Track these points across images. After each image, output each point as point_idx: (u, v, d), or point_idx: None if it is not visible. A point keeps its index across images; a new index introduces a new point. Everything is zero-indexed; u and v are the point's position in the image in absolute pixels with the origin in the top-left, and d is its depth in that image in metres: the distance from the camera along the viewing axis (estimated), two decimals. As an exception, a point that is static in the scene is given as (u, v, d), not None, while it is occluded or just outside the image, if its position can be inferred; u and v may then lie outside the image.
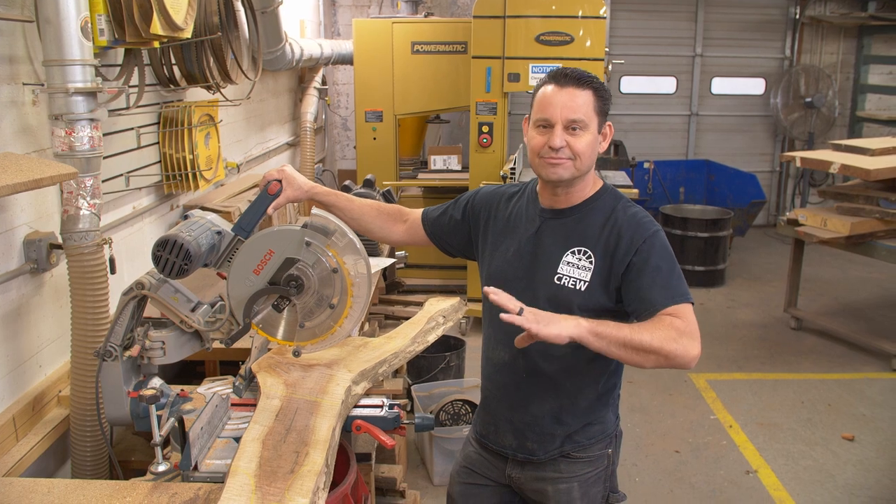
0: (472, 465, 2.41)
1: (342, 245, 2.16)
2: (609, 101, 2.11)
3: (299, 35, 6.95)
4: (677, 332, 1.89)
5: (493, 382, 2.29)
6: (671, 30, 9.75)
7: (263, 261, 2.15)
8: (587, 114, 2.05)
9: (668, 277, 2.02)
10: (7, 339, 2.65)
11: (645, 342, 1.86)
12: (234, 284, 2.19)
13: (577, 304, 2.08)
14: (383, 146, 6.82)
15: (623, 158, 7.85)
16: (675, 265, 2.07)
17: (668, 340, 1.87)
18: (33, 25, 2.65)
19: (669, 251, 2.08)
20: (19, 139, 2.68)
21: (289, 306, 2.19)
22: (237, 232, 2.22)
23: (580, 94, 2.05)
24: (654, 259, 2.04)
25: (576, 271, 2.10)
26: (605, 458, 2.26)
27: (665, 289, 2.00)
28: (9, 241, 2.65)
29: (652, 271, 2.02)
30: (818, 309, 6.96)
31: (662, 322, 1.93)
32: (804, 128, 9.74)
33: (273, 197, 2.25)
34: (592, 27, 5.58)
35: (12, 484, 1.98)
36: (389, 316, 5.51)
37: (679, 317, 1.95)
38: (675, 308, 1.97)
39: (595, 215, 2.14)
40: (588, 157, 2.08)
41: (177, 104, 3.83)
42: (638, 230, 2.08)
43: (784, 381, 5.53)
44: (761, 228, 9.98)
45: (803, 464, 4.40)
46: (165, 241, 2.08)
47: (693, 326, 1.94)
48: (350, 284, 2.16)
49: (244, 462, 1.87)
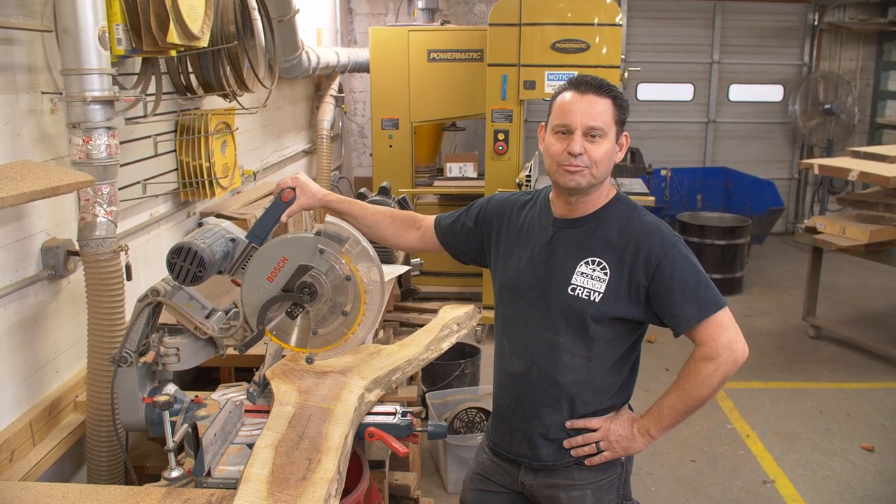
0: (485, 472, 2.40)
1: (355, 253, 2.16)
2: (627, 110, 2.11)
3: (316, 43, 7.00)
4: (714, 364, 2.04)
5: (507, 392, 2.28)
6: (688, 37, 9.73)
7: (277, 268, 2.16)
8: (606, 122, 2.05)
9: (695, 289, 2.05)
10: (24, 344, 2.68)
11: (700, 396, 2.09)
12: (248, 291, 2.19)
13: (591, 314, 2.08)
14: (399, 154, 6.84)
15: (640, 166, 7.84)
16: (700, 274, 2.08)
17: (714, 373, 2.04)
18: (52, 35, 2.68)
19: (692, 260, 2.10)
20: (38, 147, 2.71)
21: (302, 313, 2.20)
22: (251, 239, 2.23)
23: (600, 101, 2.05)
24: (679, 273, 2.05)
25: (590, 282, 2.09)
26: (618, 466, 2.25)
27: (695, 302, 2.04)
28: (27, 248, 2.68)
29: (679, 286, 2.04)
30: (837, 317, 6.90)
31: (689, 370, 2.09)
32: (823, 135, 9.67)
33: (287, 205, 2.26)
34: (608, 34, 5.57)
35: (28, 488, 2.00)
36: (404, 323, 5.51)
37: (716, 325, 2.03)
38: (709, 321, 2.03)
39: (609, 225, 2.13)
40: (605, 165, 2.08)
41: (193, 112, 3.86)
42: (656, 242, 2.08)
43: (802, 390, 5.48)
44: (779, 236, 9.90)
45: (821, 474, 4.35)
46: (180, 249, 2.08)
47: (730, 332, 2.04)
48: (363, 292, 2.16)
49: (257, 468, 1.88)
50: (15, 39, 2.60)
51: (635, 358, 2.26)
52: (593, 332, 2.10)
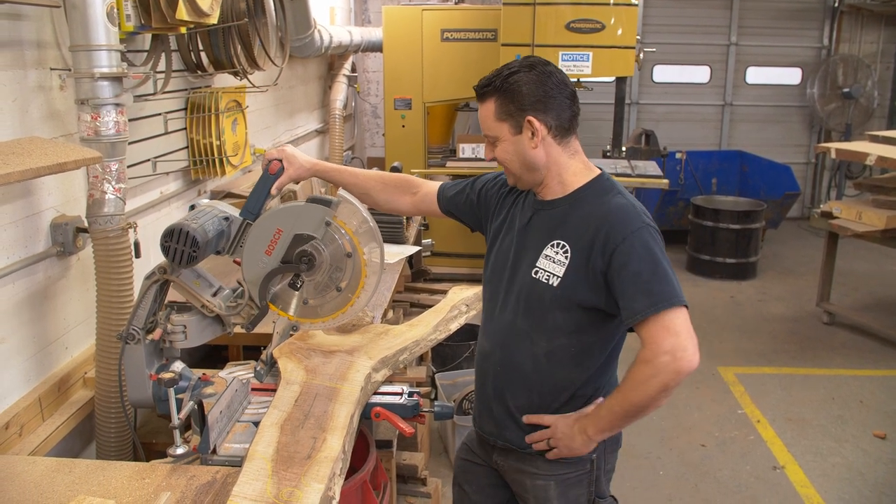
0: (471, 444, 2.43)
1: (362, 231, 2.17)
2: (516, 95, 1.98)
3: (329, 22, 6.96)
4: (652, 368, 1.85)
5: (479, 370, 2.28)
6: (705, 18, 9.60)
7: (273, 241, 2.19)
8: (492, 126, 2.03)
9: (649, 282, 1.88)
10: (34, 320, 2.69)
11: (636, 401, 1.90)
12: (248, 267, 2.22)
13: (549, 298, 2.02)
14: (412, 134, 6.81)
15: (654, 148, 7.77)
16: (657, 265, 1.90)
17: (650, 379, 1.86)
18: (61, 11, 2.66)
19: (652, 249, 1.91)
20: (47, 124, 2.71)
21: (304, 284, 2.24)
22: (245, 216, 2.25)
23: (484, 106, 2.04)
24: (634, 262, 1.89)
25: (551, 265, 2.02)
26: (587, 463, 2.15)
27: (646, 296, 1.87)
28: (36, 225, 2.68)
29: (632, 276, 1.89)
30: (852, 304, 6.83)
31: (629, 371, 1.92)
32: (841, 119, 9.55)
33: (275, 177, 2.28)
34: (624, 15, 5.51)
35: (36, 463, 2.01)
36: (415, 304, 5.50)
37: (663, 327, 1.85)
38: (656, 319, 1.86)
39: (580, 207, 2.03)
40: (516, 162, 2.03)
41: (204, 90, 3.85)
42: (617, 226, 1.93)
43: (815, 376, 5.44)
44: (795, 221, 9.81)
45: (832, 461, 4.32)
46: (171, 231, 2.11)
47: (678, 338, 1.84)
48: (363, 275, 2.19)
49: (262, 447, 1.88)
50: (23, 15, 2.58)
51: (609, 353, 2.12)
52: (553, 319, 2.03)
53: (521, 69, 2.00)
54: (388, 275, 3.65)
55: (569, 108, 2.02)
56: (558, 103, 1.99)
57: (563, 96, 2.00)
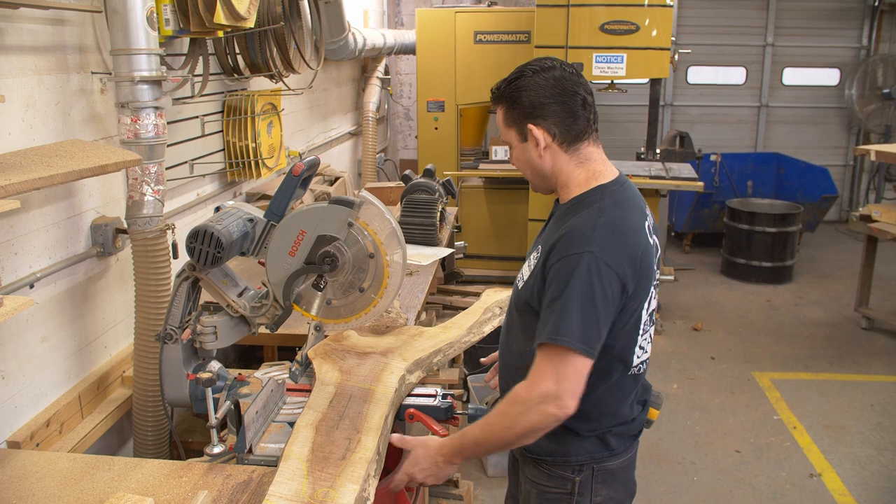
0: None
1: (385, 232, 2.20)
2: (519, 103, 1.93)
3: (363, 25, 6.99)
4: (523, 406, 1.80)
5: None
6: (741, 18, 9.49)
7: (297, 241, 2.22)
8: (504, 132, 2.02)
9: (559, 310, 1.77)
10: (74, 319, 2.74)
11: (500, 437, 1.86)
12: (273, 268, 2.25)
13: (514, 300, 2.04)
14: (445, 136, 6.82)
15: (689, 150, 7.69)
16: (578, 299, 1.76)
17: (519, 416, 1.81)
18: (102, 16, 2.71)
19: (585, 280, 1.77)
20: (88, 127, 2.76)
21: (327, 285, 2.27)
22: (269, 217, 2.28)
23: (498, 115, 2.03)
24: (558, 284, 1.80)
25: (526, 270, 2.01)
26: (568, 483, 2.05)
27: (548, 323, 1.79)
28: (77, 226, 2.73)
29: (550, 298, 1.82)
30: (891, 308, 6.70)
31: (501, 402, 1.87)
32: (881, 120, 9.37)
33: (298, 178, 2.30)
34: (659, 16, 5.47)
35: (76, 460, 2.05)
36: (447, 306, 5.49)
37: (551, 365, 1.78)
38: (546, 352, 1.79)
39: (567, 217, 1.94)
40: (527, 168, 2.02)
41: (240, 93, 3.89)
42: (566, 242, 1.84)
43: (853, 382, 5.34)
44: (832, 224, 9.66)
45: (871, 469, 4.24)
46: (196, 233, 2.15)
47: (560, 383, 1.75)
48: (386, 276, 2.21)
49: (297, 447, 1.89)
50: (66, 20, 2.63)
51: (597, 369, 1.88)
52: (522, 321, 2.01)
53: (525, 74, 1.94)
54: (421, 277, 3.66)
55: (579, 114, 1.92)
56: (563, 110, 1.91)
57: (571, 102, 1.91)
